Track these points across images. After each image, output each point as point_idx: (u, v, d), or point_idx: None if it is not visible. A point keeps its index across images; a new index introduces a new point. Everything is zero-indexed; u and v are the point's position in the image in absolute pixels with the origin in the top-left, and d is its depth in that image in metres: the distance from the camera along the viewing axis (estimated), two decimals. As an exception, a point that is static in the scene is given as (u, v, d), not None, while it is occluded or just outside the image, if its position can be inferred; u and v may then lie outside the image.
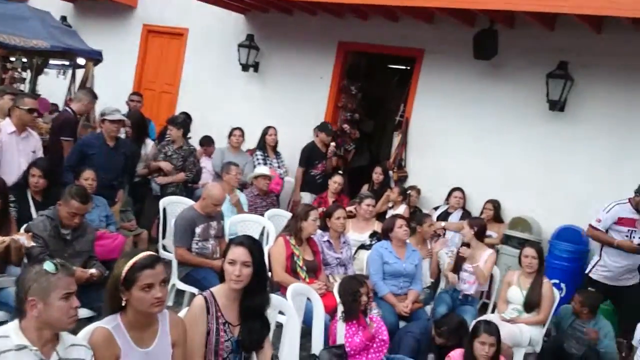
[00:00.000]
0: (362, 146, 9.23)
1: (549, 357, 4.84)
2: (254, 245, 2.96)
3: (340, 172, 7.15)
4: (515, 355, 4.75)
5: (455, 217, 6.87)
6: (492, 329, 3.86)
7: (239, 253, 2.90)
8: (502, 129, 7.06)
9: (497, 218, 6.82)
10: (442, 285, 5.61)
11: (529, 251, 5.06)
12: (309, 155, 7.35)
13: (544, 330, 4.96)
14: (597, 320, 4.93)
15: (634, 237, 5.31)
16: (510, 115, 7.01)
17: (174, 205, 5.85)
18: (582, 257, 6.26)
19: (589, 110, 6.58)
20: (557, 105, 6.59)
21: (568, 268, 6.19)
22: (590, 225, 5.53)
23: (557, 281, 5.92)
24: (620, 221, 5.33)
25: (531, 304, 4.94)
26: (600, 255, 5.47)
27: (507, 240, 6.55)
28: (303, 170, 7.32)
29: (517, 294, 5.01)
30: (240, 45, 8.66)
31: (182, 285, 4.97)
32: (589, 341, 4.77)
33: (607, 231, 5.40)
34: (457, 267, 5.33)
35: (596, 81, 6.54)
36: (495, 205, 6.84)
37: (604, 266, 5.42)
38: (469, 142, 7.28)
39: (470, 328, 4.11)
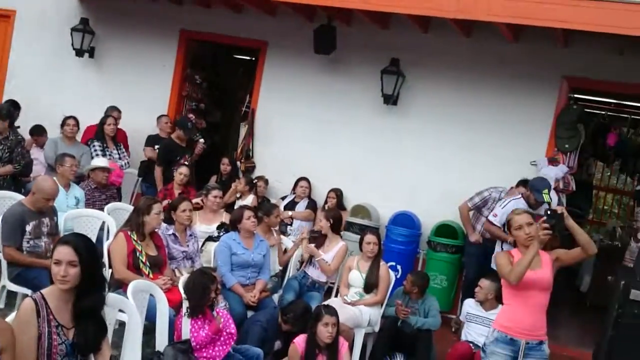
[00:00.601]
0: (206, 135, 9.13)
1: (387, 336, 5.12)
2: (81, 243, 2.83)
3: (185, 163, 7.02)
4: (356, 336, 4.98)
5: (301, 206, 7.08)
6: (332, 311, 4.17)
7: (64, 252, 2.77)
8: (342, 121, 7.36)
9: (340, 206, 7.12)
10: (290, 272, 5.75)
11: (370, 238, 5.26)
12: (168, 153, 7.09)
13: (382, 310, 5.25)
14: (425, 298, 5.30)
15: None
16: (349, 108, 7.33)
17: (1, 201, 5.46)
18: (415, 240, 6.76)
19: (418, 105, 7.08)
20: (390, 100, 7.01)
21: (403, 251, 6.64)
22: (488, 220, 5.72)
23: (393, 263, 6.32)
24: None
25: (370, 285, 5.19)
26: (502, 249, 5.52)
27: (349, 226, 6.86)
28: (162, 168, 7.04)
29: (357, 277, 5.24)
30: (73, 29, 8.11)
31: (13, 287, 4.69)
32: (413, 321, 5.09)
33: (504, 226, 5.45)
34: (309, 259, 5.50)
35: (424, 78, 7.03)
36: (338, 193, 7.15)
37: None
38: (312, 133, 7.50)
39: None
